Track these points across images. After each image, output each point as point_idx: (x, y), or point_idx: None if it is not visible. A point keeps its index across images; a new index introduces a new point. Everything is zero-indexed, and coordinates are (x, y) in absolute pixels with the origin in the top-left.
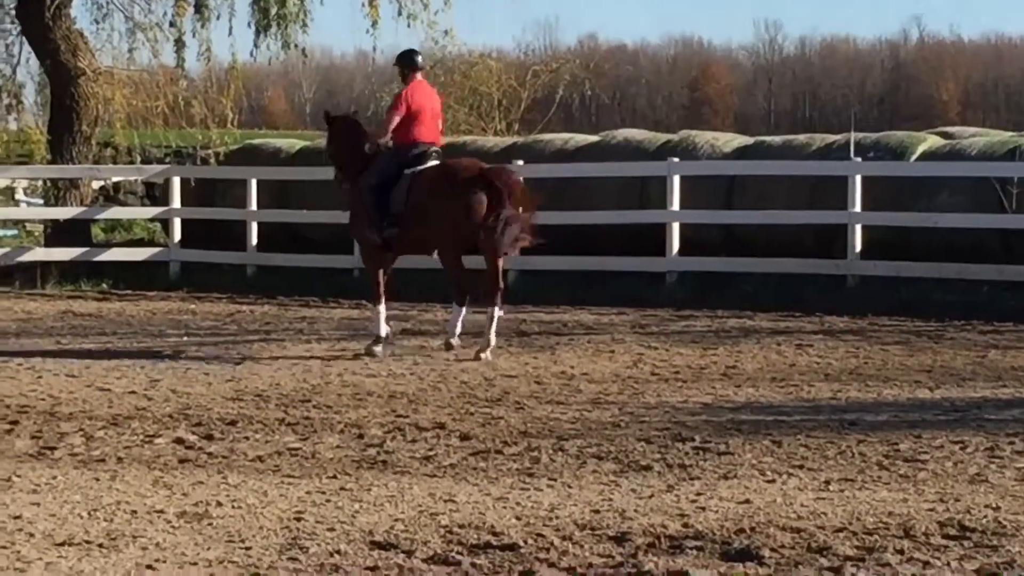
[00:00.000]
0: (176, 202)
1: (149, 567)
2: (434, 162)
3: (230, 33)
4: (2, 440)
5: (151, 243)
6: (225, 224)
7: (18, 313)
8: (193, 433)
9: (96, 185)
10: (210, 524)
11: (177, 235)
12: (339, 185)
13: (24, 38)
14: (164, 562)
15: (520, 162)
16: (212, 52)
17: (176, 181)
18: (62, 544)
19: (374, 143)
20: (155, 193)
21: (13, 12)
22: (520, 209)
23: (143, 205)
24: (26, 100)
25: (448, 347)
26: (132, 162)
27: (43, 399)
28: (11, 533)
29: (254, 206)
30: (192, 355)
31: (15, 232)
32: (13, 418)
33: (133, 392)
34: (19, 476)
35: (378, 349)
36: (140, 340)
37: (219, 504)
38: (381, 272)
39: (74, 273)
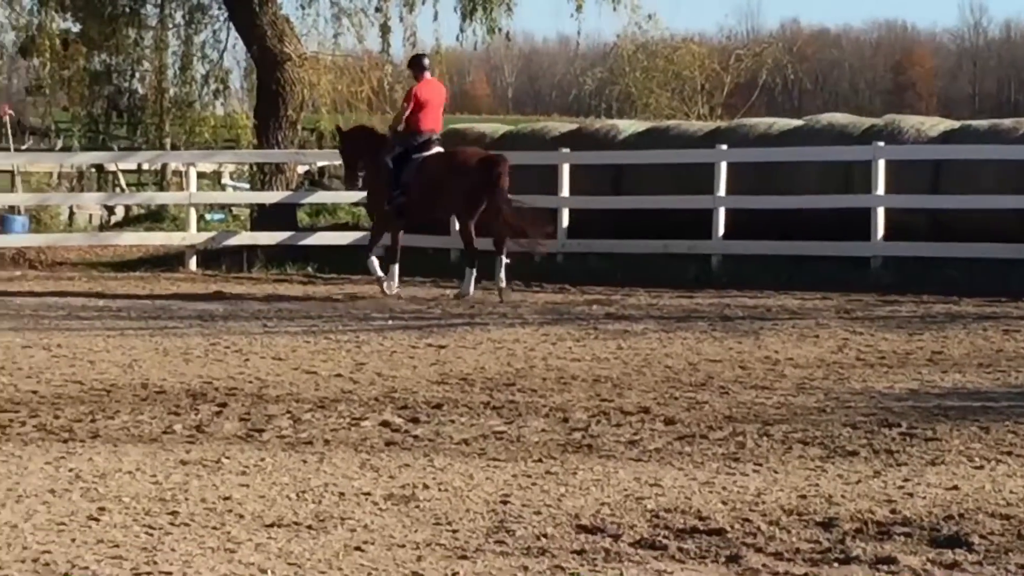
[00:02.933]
0: None
1: (357, 549)
2: (438, 148)
3: (435, 18)
4: (211, 422)
5: (356, 227)
6: None
7: (225, 296)
8: (399, 416)
9: (301, 169)
10: (417, 507)
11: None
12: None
13: (231, 24)
14: (372, 544)
15: (724, 147)
16: (417, 37)
17: None
18: (271, 525)
19: (392, 129)
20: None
21: None
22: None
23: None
24: (232, 85)
25: (459, 297)
26: (336, 147)
27: (251, 382)
28: (221, 514)
29: None
30: (397, 339)
31: (222, 216)
32: (222, 400)
33: (339, 375)
34: (228, 458)
35: (386, 288)
36: (345, 323)
37: (426, 487)
38: (387, 235)
39: (280, 257)
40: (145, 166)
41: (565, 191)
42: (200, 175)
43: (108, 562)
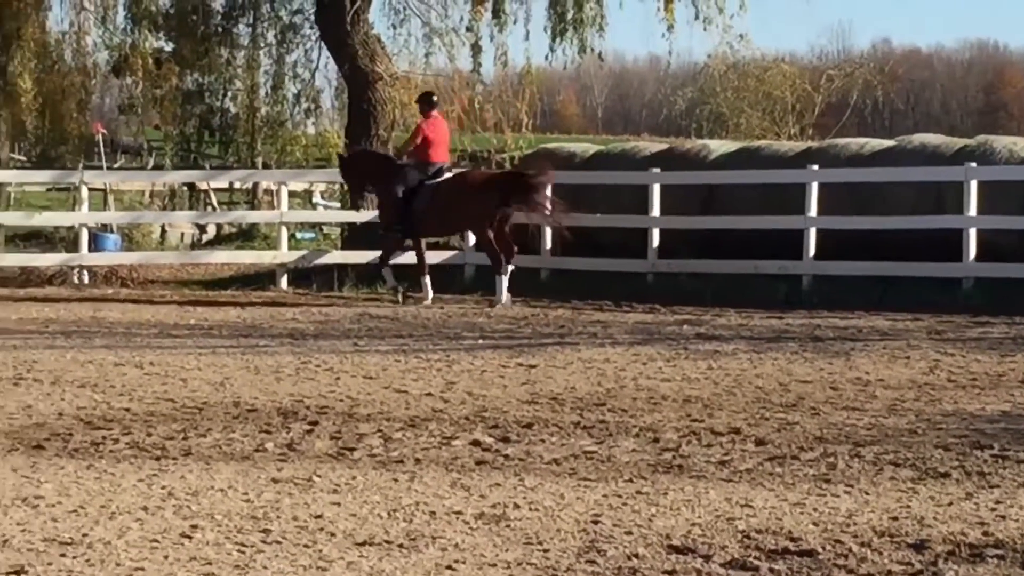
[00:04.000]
0: None
1: (448, 568)
2: (448, 175)
3: (526, 37)
4: (303, 440)
5: (446, 246)
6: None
7: (316, 315)
8: (490, 435)
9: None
10: (508, 526)
11: (472, 239)
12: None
13: (323, 43)
14: (463, 563)
15: (815, 167)
16: (508, 56)
17: None
18: (363, 544)
19: (402, 156)
20: None
21: (312, 18)
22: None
23: None
24: (324, 104)
25: (491, 305)
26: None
27: (342, 400)
28: (312, 532)
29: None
30: (487, 358)
31: (313, 235)
32: (313, 419)
33: (430, 394)
34: (319, 476)
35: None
36: (435, 342)
37: (516, 506)
38: (394, 252)
39: (370, 276)
40: (237, 185)
41: (656, 211)
42: (291, 194)
43: None
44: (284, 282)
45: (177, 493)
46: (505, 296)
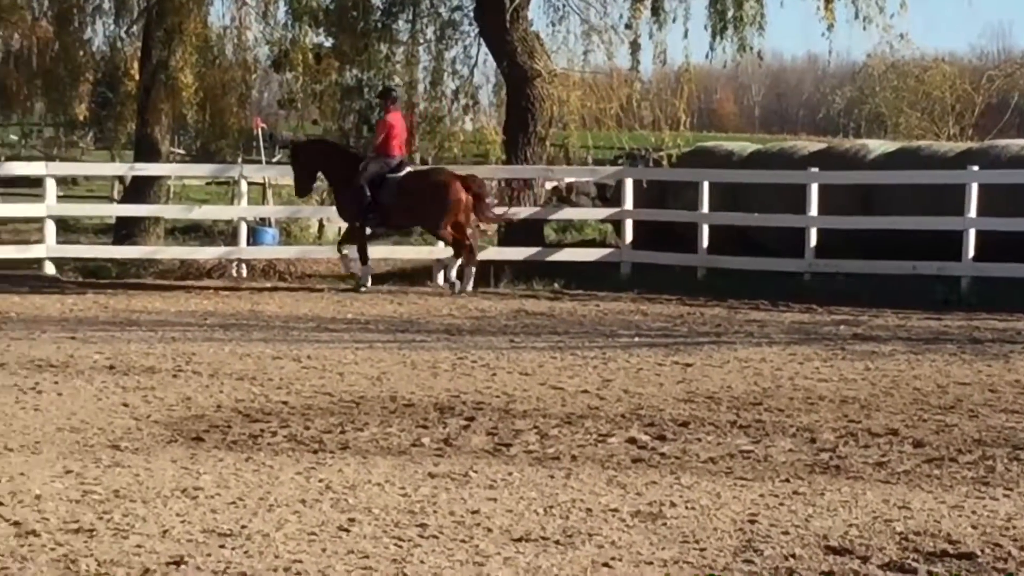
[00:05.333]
0: (628, 204)
1: (605, 565)
2: (409, 168)
3: (685, 36)
4: (459, 436)
5: (602, 244)
6: (676, 226)
7: (472, 311)
8: (646, 433)
9: (549, 186)
10: (664, 524)
11: (629, 236)
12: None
13: (482, 40)
14: (620, 560)
15: (975, 168)
16: (666, 54)
17: (629, 183)
18: (519, 540)
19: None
20: (607, 194)
21: (472, 14)
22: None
23: (595, 206)
24: (482, 101)
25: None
26: (585, 163)
27: (498, 396)
28: (469, 527)
29: (705, 208)
30: (643, 356)
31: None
32: (469, 414)
33: (586, 391)
34: (476, 471)
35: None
36: (592, 340)
37: (673, 504)
38: (362, 243)
39: (527, 272)
40: None
41: (814, 210)
42: None
43: (358, 572)
44: (441, 278)
45: (335, 486)
46: (458, 285)
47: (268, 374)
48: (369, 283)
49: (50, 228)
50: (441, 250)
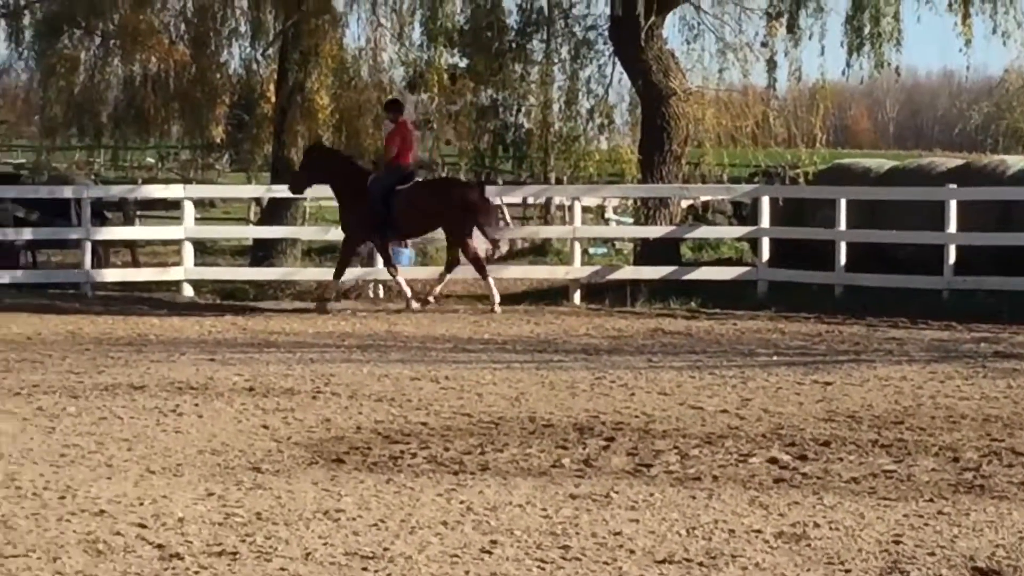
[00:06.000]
0: (765, 222)
1: None
2: (418, 178)
3: (822, 52)
4: (599, 456)
5: (739, 262)
6: (813, 244)
7: (609, 330)
8: (787, 453)
9: (685, 204)
10: (808, 545)
11: (765, 254)
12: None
13: (616, 59)
14: None
15: None
16: (801, 71)
17: (765, 201)
18: (662, 562)
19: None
20: (742, 212)
21: (606, 33)
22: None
23: (731, 224)
24: (617, 120)
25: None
26: (720, 181)
27: (637, 416)
28: (612, 549)
29: (843, 226)
30: (782, 374)
31: (605, 250)
32: (609, 435)
33: (725, 411)
34: (617, 492)
35: (328, 306)
36: (730, 359)
37: (816, 525)
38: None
39: (663, 291)
40: (530, 200)
41: (952, 227)
42: (584, 209)
43: None
44: (577, 297)
45: (476, 508)
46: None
47: (407, 395)
48: (332, 298)
49: (188, 250)
50: (578, 269)
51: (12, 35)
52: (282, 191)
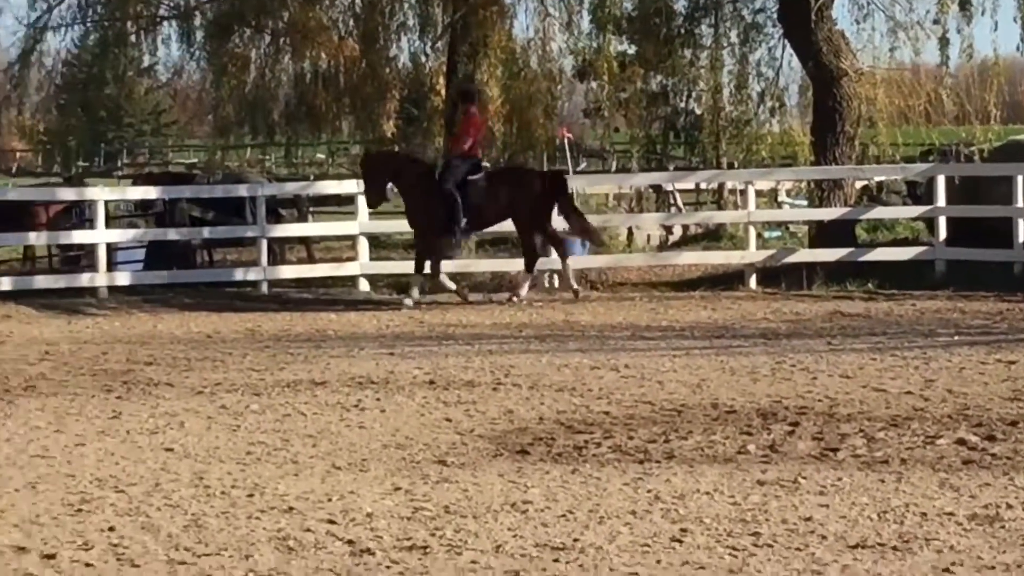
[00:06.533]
0: (941, 200)
1: (946, 571)
2: (486, 167)
3: (995, 28)
4: (784, 442)
5: (915, 242)
6: (990, 222)
7: (787, 314)
8: (974, 434)
9: (859, 185)
10: (1002, 527)
11: (942, 233)
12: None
13: (786, 41)
14: (960, 566)
15: None
16: (973, 48)
17: (941, 179)
18: (855, 547)
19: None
20: (917, 192)
21: (775, 16)
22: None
23: (905, 204)
24: (788, 103)
25: (510, 301)
26: (894, 161)
27: (820, 400)
28: (803, 535)
29: (1021, 203)
30: (965, 354)
31: (779, 233)
32: (793, 419)
33: (909, 392)
34: (804, 478)
35: (408, 302)
36: (910, 340)
37: (1009, 507)
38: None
39: (840, 273)
40: (702, 185)
41: None
42: (757, 193)
43: None
44: (753, 282)
45: (663, 496)
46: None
47: (587, 384)
48: (416, 295)
49: (363, 245)
50: (753, 253)
51: (184, 36)
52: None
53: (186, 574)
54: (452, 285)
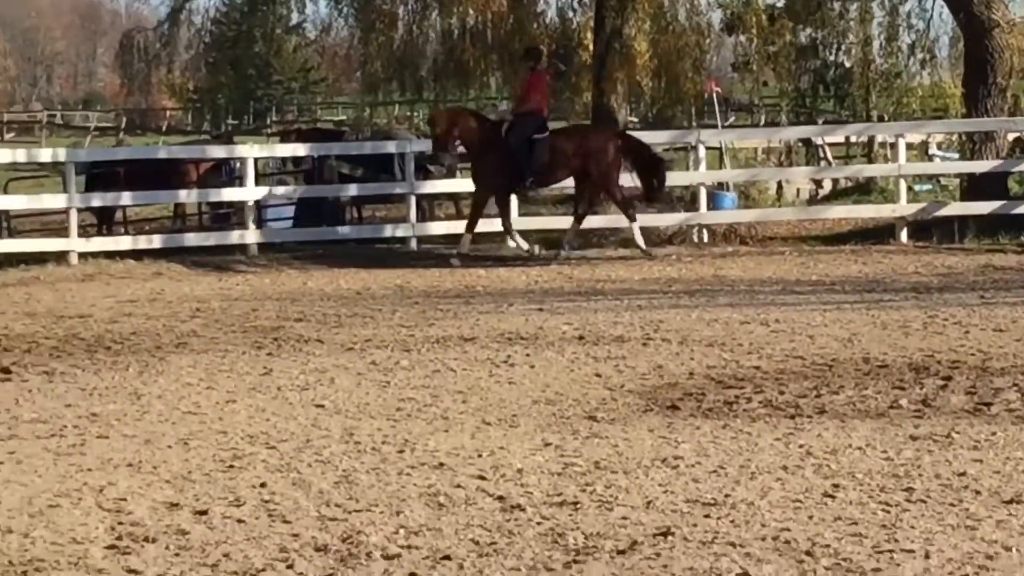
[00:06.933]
0: None
1: None
2: (550, 127)
3: None
4: (937, 396)
5: None
6: None
7: (938, 268)
8: None
9: (1011, 137)
10: None
11: None
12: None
13: None
14: None
15: None
16: None
17: None
18: (1010, 502)
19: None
20: None
21: None
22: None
23: None
24: (939, 54)
25: (646, 255)
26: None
27: (973, 354)
28: (957, 490)
29: None
30: None
31: (930, 187)
32: (945, 374)
33: None
34: (958, 432)
35: (455, 261)
36: None
37: None
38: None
39: (992, 227)
40: (852, 139)
41: None
42: (908, 146)
43: (848, 539)
44: (904, 235)
45: (815, 452)
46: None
47: (737, 339)
48: (466, 249)
49: (512, 201)
50: (904, 207)
51: None
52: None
53: (336, 530)
54: (524, 244)
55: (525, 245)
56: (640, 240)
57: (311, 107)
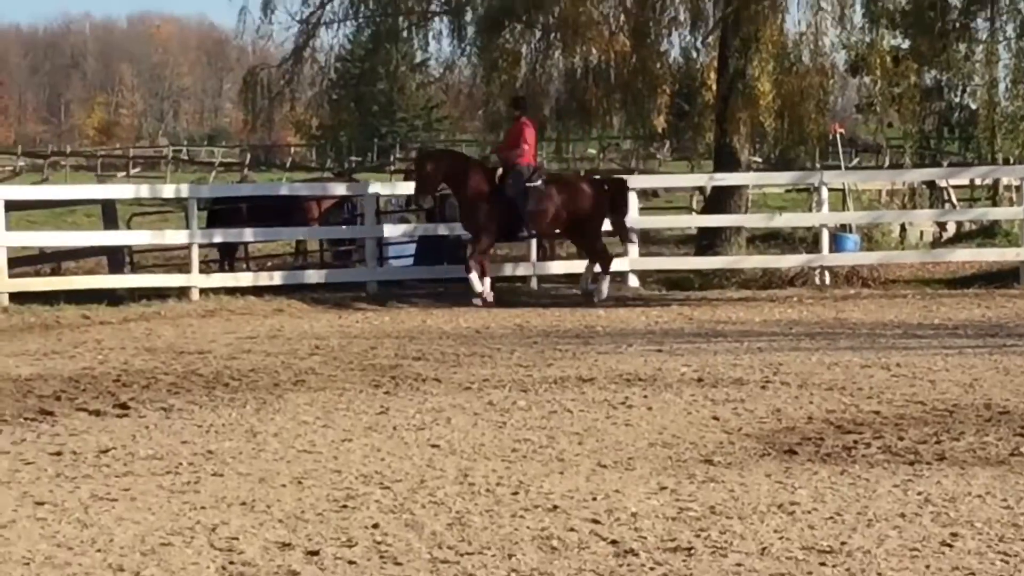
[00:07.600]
0: None
1: None
2: (542, 175)
3: None
4: None
5: None
6: None
7: None
8: None
9: None
10: None
11: None
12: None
13: None
14: None
15: None
16: None
17: None
18: None
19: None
20: None
21: None
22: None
23: None
24: None
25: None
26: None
27: None
28: None
29: None
30: None
31: None
32: None
33: None
34: None
35: (477, 301)
36: None
37: None
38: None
39: None
40: (977, 181)
41: None
42: None
43: None
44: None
45: (934, 499)
46: (604, 293)
47: (857, 383)
48: (484, 292)
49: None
50: None
51: (455, 31)
52: (725, 179)
53: (448, 572)
54: (479, 287)
55: (480, 288)
56: (605, 293)
57: (434, 145)
